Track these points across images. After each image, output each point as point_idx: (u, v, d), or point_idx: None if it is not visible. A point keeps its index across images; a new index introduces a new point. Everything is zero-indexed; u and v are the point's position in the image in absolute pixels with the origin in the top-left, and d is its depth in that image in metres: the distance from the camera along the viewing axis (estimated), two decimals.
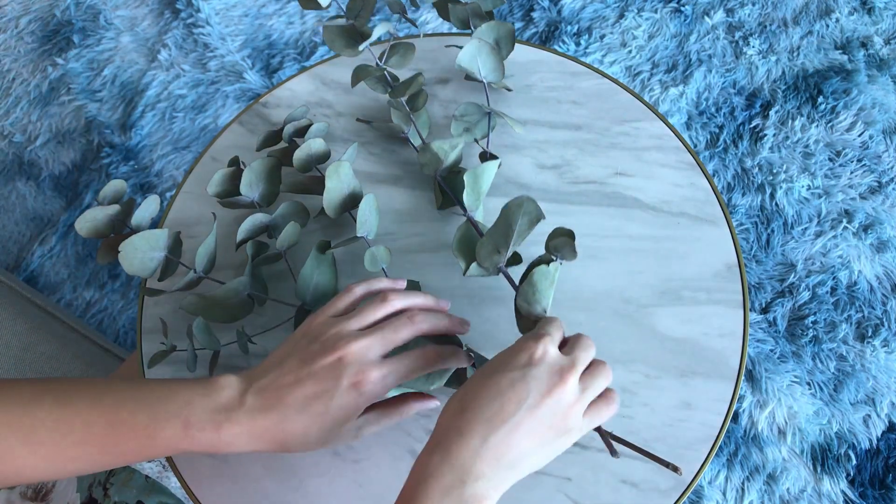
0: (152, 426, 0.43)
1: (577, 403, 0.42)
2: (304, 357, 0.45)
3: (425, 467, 0.40)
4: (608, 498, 0.54)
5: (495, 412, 0.40)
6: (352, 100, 0.68)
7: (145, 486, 0.61)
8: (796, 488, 1.04)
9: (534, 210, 0.50)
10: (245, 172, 0.58)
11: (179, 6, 1.37)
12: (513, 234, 0.50)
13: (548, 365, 0.42)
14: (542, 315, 0.50)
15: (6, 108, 1.35)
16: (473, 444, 0.39)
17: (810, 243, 1.16)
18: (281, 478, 0.55)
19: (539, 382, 0.41)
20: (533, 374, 0.41)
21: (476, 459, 0.39)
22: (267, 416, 0.43)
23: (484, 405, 0.40)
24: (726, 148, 1.23)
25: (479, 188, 0.56)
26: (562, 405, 0.41)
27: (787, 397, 1.07)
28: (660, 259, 0.61)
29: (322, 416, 0.44)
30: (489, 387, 0.41)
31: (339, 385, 0.44)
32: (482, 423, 0.40)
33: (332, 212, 0.58)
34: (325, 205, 0.58)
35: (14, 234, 1.27)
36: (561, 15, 1.33)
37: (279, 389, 0.44)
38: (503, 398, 0.40)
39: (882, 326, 1.10)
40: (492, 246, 0.51)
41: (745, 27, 1.31)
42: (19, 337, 0.78)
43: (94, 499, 0.60)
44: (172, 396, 0.44)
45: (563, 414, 0.42)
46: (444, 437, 0.40)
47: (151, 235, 0.54)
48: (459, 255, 0.54)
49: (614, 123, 0.66)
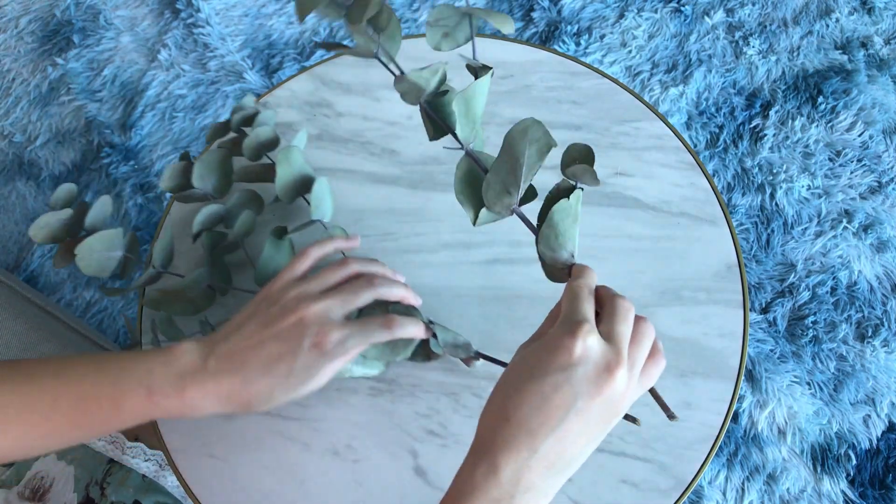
0: (117, 397, 0.43)
1: (627, 388, 0.39)
2: (264, 320, 0.46)
3: (470, 478, 0.38)
4: (608, 498, 0.54)
5: (542, 421, 0.37)
6: (352, 100, 0.68)
7: (142, 486, 0.61)
8: (796, 488, 1.04)
9: (542, 135, 0.43)
10: (196, 165, 0.58)
11: (179, 6, 1.37)
12: (522, 167, 0.43)
13: (592, 362, 0.38)
14: (569, 261, 0.45)
15: (6, 108, 1.35)
16: (522, 457, 0.37)
17: (810, 243, 1.16)
18: (281, 478, 0.55)
19: (586, 384, 0.38)
20: (578, 376, 0.37)
21: (525, 471, 0.37)
22: (231, 379, 0.44)
23: (529, 414, 0.37)
24: (726, 148, 1.23)
25: (472, 113, 0.47)
26: (613, 399, 0.38)
27: (787, 397, 1.07)
28: (660, 259, 0.60)
29: (286, 377, 0.44)
30: (532, 393, 0.38)
31: (301, 346, 0.44)
32: (528, 434, 0.37)
33: (286, 196, 0.59)
34: (277, 190, 0.58)
35: (14, 234, 1.27)
36: (561, 15, 1.33)
37: (242, 352, 0.45)
38: (549, 405, 0.37)
39: (882, 326, 1.10)
40: (500, 185, 0.44)
41: (745, 27, 1.31)
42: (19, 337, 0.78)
43: (92, 498, 0.60)
44: (134, 366, 0.44)
45: (614, 406, 0.39)
46: (489, 449, 0.38)
47: (107, 236, 0.54)
48: (464, 200, 0.47)
49: (614, 123, 0.66)
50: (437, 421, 0.56)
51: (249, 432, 0.57)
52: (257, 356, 0.44)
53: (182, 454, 0.57)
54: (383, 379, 0.58)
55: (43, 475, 0.61)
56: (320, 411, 0.57)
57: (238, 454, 0.56)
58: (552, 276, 0.46)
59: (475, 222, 0.47)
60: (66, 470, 0.61)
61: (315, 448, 0.56)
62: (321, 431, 0.57)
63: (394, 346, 0.52)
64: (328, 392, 0.58)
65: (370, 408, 0.57)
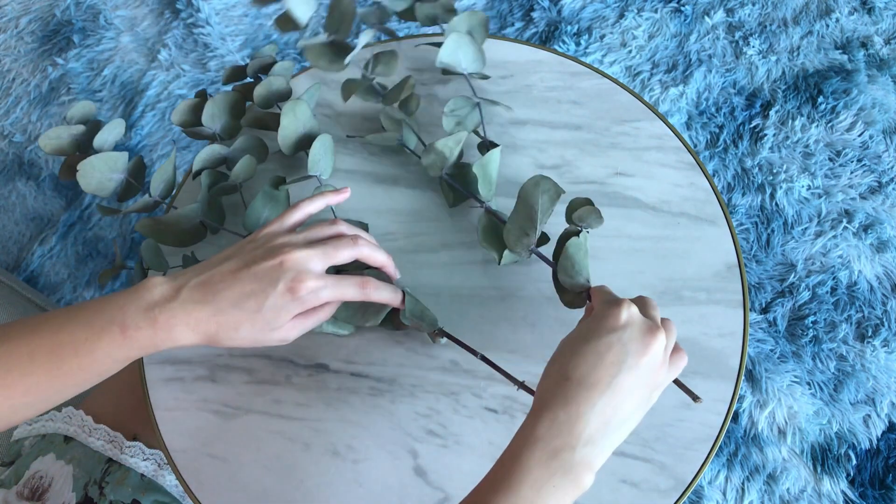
0: (91, 338, 0.44)
1: (665, 359, 0.44)
2: (246, 259, 0.47)
3: (532, 431, 0.40)
4: (608, 498, 0.54)
5: (599, 377, 0.41)
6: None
7: (141, 485, 0.61)
8: (796, 488, 1.04)
9: (551, 186, 0.51)
10: (207, 104, 0.59)
11: (179, 6, 1.37)
12: (536, 213, 0.51)
13: (638, 325, 0.43)
14: (585, 285, 0.51)
15: (6, 108, 1.35)
16: (582, 410, 0.40)
17: (810, 243, 1.15)
18: (281, 477, 0.55)
19: (635, 343, 0.42)
20: (628, 336, 0.42)
21: (585, 425, 0.40)
22: (202, 308, 0.45)
23: (587, 372, 0.41)
24: (726, 148, 1.23)
25: (489, 177, 0.57)
26: (656, 360, 0.43)
27: (787, 397, 1.07)
28: (660, 259, 0.60)
29: (254, 313, 0.45)
30: (587, 353, 0.42)
31: (276, 287, 0.46)
32: (587, 388, 0.41)
33: (287, 149, 0.59)
34: (279, 141, 0.58)
35: (14, 234, 1.26)
36: (561, 15, 1.33)
37: (216, 284, 0.46)
38: (604, 362, 0.41)
39: (882, 326, 1.10)
40: (518, 230, 0.52)
41: (745, 27, 1.31)
42: None
43: (90, 498, 0.60)
44: (105, 307, 0.45)
45: (657, 369, 0.43)
46: (549, 405, 0.41)
47: (111, 157, 0.55)
48: (488, 245, 0.56)
49: (614, 123, 0.66)
50: (437, 421, 0.56)
51: (249, 432, 0.57)
52: (231, 290, 0.46)
53: (181, 453, 0.57)
54: (383, 379, 0.58)
55: (42, 475, 0.61)
56: (320, 411, 0.57)
57: (238, 454, 0.56)
58: (572, 303, 0.53)
59: (500, 262, 0.56)
60: (65, 469, 0.61)
61: (315, 448, 0.56)
62: (321, 431, 0.57)
63: (364, 311, 0.54)
64: (328, 392, 0.58)
65: (370, 408, 0.57)
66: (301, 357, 0.59)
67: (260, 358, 0.59)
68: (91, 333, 0.44)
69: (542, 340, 0.58)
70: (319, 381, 0.58)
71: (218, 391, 0.58)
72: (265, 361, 0.59)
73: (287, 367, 0.59)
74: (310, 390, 0.58)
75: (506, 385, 0.57)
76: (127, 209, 0.58)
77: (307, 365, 0.59)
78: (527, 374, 0.52)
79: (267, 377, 0.59)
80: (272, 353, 0.59)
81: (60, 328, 0.45)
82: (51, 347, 0.44)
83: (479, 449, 0.56)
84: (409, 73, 0.67)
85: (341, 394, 0.58)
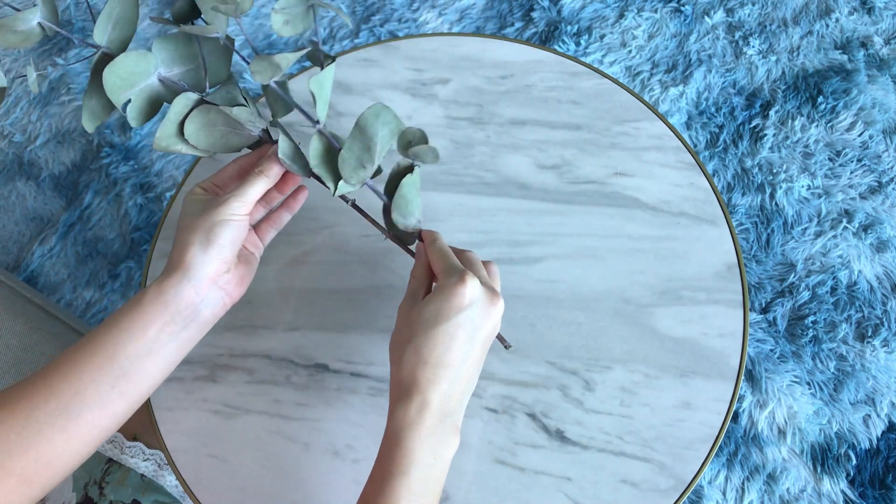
0: (136, 327, 0.47)
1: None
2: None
3: (405, 416, 0.45)
4: (608, 498, 0.54)
5: (454, 356, 0.46)
6: (352, 100, 0.68)
7: (141, 485, 0.61)
8: (796, 488, 1.04)
9: (392, 119, 0.49)
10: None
11: None
12: (376, 146, 0.49)
13: (480, 299, 0.47)
14: (417, 227, 0.52)
15: (6, 108, 1.35)
16: (444, 388, 0.46)
17: (810, 243, 1.15)
18: (281, 478, 0.55)
19: (480, 318, 0.47)
20: (474, 314, 0.47)
21: (449, 399, 0.46)
22: (173, 249, 0.50)
23: (444, 353, 0.46)
24: (726, 148, 1.23)
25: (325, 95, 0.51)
26: (496, 323, 0.49)
27: (787, 397, 1.07)
28: (660, 259, 0.60)
29: (203, 231, 0.49)
30: (441, 335, 0.46)
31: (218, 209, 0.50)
32: (447, 368, 0.46)
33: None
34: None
35: (14, 234, 1.26)
36: (561, 15, 1.33)
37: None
38: (457, 342, 0.46)
39: (882, 326, 1.10)
40: (356, 161, 0.50)
41: (745, 27, 1.31)
42: (19, 337, 0.78)
43: (90, 498, 0.60)
44: (137, 301, 0.48)
45: (496, 328, 0.50)
46: (417, 389, 0.46)
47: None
48: (324, 172, 0.51)
49: (614, 123, 0.66)
50: None
51: (249, 432, 0.57)
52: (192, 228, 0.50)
53: (181, 454, 0.57)
54: (383, 379, 0.58)
55: None
56: (320, 411, 0.57)
57: (238, 454, 0.56)
58: (403, 240, 0.54)
59: (334, 193, 0.52)
60: None
61: (315, 448, 0.56)
62: (321, 431, 0.57)
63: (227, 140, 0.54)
64: (328, 392, 0.58)
65: (370, 408, 0.57)
66: (301, 357, 0.59)
67: (260, 358, 0.59)
68: (133, 324, 0.47)
69: (542, 340, 0.58)
70: (319, 381, 0.58)
71: (218, 391, 0.58)
72: (265, 361, 0.59)
73: (287, 367, 0.59)
74: (310, 390, 0.58)
75: (506, 385, 0.57)
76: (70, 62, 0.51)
77: (307, 365, 0.59)
78: (526, 374, 0.52)
79: (267, 377, 0.59)
80: (272, 352, 0.59)
81: (102, 343, 0.47)
82: (107, 361, 0.46)
83: (478, 449, 0.56)
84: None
85: (341, 394, 0.58)
